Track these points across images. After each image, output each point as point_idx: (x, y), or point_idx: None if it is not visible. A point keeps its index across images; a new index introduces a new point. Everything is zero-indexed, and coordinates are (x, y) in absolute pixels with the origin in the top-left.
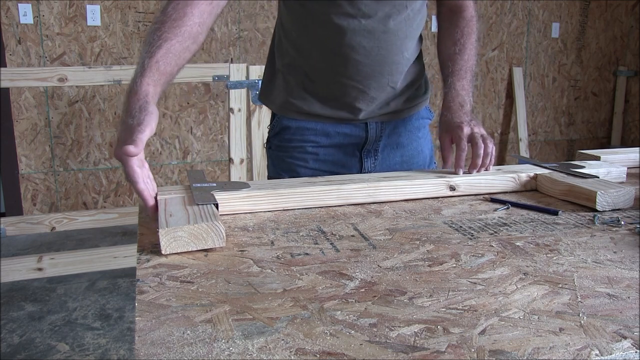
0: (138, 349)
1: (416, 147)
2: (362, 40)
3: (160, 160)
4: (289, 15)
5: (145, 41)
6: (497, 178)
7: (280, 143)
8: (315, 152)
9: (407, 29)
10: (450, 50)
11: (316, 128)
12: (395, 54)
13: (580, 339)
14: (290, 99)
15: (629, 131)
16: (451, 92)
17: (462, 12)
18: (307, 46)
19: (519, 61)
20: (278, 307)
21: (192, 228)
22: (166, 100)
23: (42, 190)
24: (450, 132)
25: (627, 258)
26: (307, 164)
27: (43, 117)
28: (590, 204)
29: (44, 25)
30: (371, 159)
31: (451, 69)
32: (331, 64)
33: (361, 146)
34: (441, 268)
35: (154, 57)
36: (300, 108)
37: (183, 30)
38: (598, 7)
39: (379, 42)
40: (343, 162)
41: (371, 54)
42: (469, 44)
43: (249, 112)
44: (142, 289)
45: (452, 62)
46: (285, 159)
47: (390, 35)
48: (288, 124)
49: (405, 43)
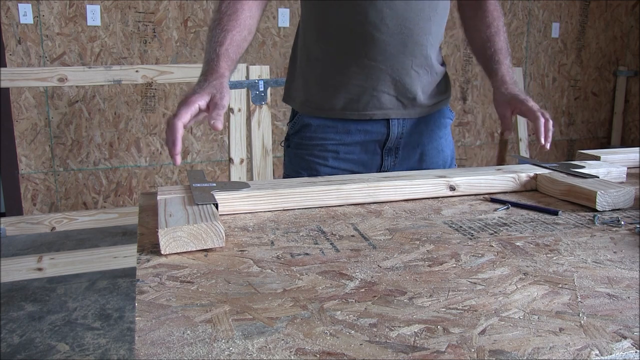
0: (138, 349)
1: (436, 147)
2: (385, 18)
3: (160, 160)
4: (310, 2)
5: (209, 35)
6: (497, 178)
7: (301, 141)
8: (335, 150)
9: (431, 12)
10: (487, 32)
11: (337, 126)
12: (418, 35)
13: (580, 339)
14: (310, 96)
15: (629, 131)
16: (501, 67)
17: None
18: (328, 32)
19: (519, 61)
20: (278, 307)
21: (192, 228)
22: (166, 100)
23: (42, 190)
24: (514, 104)
25: (627, 258)
26: (327, 162)
27: (43, 117)
28: (590, 204)
29: (44, 25)
30: (392, 157)
31: (494, 49)
32: (354, 46)
33: (382, 144)
34: (441, 268)
35: (223, 46)
36: (320, 105)
37: (239, 23)
38: (598, 7)
39: (403, 21)
40: (363, 161)
41: (394, 32)
42: (501, 26)
43: (249, 112)
44: (142, 289)
45: (492, 43)
46: (305, 156)
47: (414, 15)
48: (309, 121)
49: (429, 26)
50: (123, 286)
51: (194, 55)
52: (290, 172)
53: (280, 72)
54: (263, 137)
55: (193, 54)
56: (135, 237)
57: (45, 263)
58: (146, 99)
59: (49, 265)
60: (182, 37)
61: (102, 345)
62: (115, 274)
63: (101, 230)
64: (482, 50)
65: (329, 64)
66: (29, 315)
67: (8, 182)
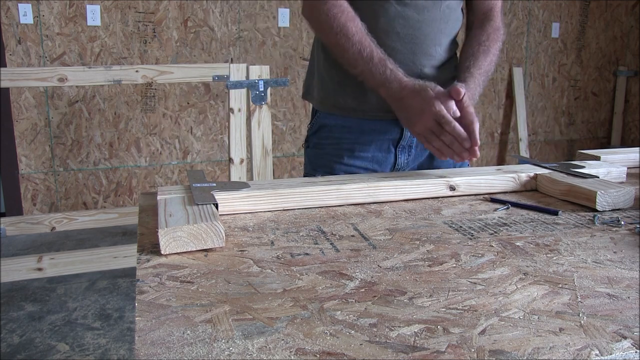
0: (138, 349)
1: None
2: (396, 26)
3: (160, 160)
4: None
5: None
6: (497, 178)
7: (319, 141)
8: (350, 149)
9: (442, 25)
10: (474, 49)
11: (352, 125)
12: (428, 45)
13: (580, 339)
14: (328, 94)
15: (629, 131)
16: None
17: (490, 21)
18: None
19: (519, 61)
20: (278, 307)
21: (192, 228)
22: (166, 100)
23: (42, 190)
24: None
25: (627, 258)
26: (342, 160)
27: (43, 117)
28: (590, 204)
29: (44, 25)
30: (405, 154)
31: (473, 62)
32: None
33: (396, 142)
34: (441, 268)
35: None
36: (337, 102)
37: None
38: (598, 7)
39: (413, 31)
40: (378, 158)
41: (404, 40)
42: (493, 49)
43: (249, 112)
44: (142, 289)
45: (475, 58)
46: (321, 155)
47: (424, 26)
48: (326, 121)
49: (439, 37)
50: (123, 286)
51: (194, 55)
52: (309, 171)
53: (280, 72)
54: (263, 137)
55: (193, 54)
56: (135, 237)
57: (45, 263)
58: (146, 99)
59: (49, 265)
60: (182, 37)
61: (102, 345)
62: (115, 274)
63: (101, 230)
64: (462, 60)
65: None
66: (29, 315)
67: (8, 182)
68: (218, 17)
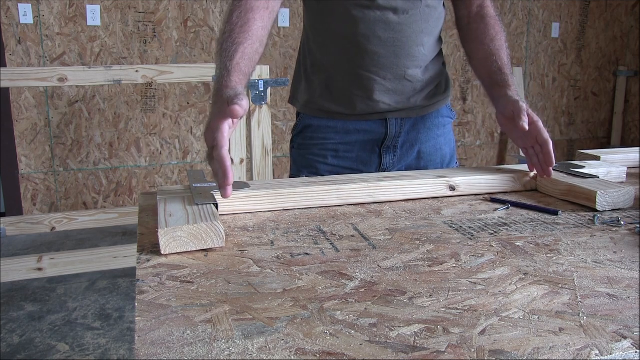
0: (138, 349)
1: (434, 145)
2: (377, 31)
3: (160, 160)
4: (309, 12)
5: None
6: (497, 178)
7: (303, 141)
8: (335, 149)
9: (423, 24)
10: (491, 46)
11: (337, 126)
12: (410, 47)
13: (580, 339)
14: (313, 98)
15: (629, 131)
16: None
17: (488, 14)
18: (326, 41)
19: (519, 61)
20: (278, 307)
21: (192, 228)
22: (166, 100)
23: (42, 190)
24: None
25: (627, 258)
26: (327, 160)
27: (43, 117)
28: (590, 204)
29: (44, 25)
30: (390, 155)
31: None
32: (347, 56)
33: (381, 142)
34: (441, 268)
35: (234, 60)
36: (322, 106)
37: (251, 34)
38: (598, 7)
39: (394, 34)
40: (362, 159)
41: (386, 44)
42: (504, 42)
43: (249, 112)
44: (142, 289)
45: (498, 57)
46: (306, 156)
47: (406, 28)
48: (310, 122)
49: (421, 37)
50: (123, 286)
51: (194, 55)
52: (294, 172)
53: (280, 72)
54: (263, 137)
55: (193, 54)
56: (135, 237)
57: (45, 263)
58: (146, 99)
59: (49, 265)
60: (182, 37)
61: (102, 345)
62: (115, 274)
63: (101, 230)
64: (485, 63)
65: (329, 72)
66: (29, 315)
67: (8, 182)
68: (218, 17)
